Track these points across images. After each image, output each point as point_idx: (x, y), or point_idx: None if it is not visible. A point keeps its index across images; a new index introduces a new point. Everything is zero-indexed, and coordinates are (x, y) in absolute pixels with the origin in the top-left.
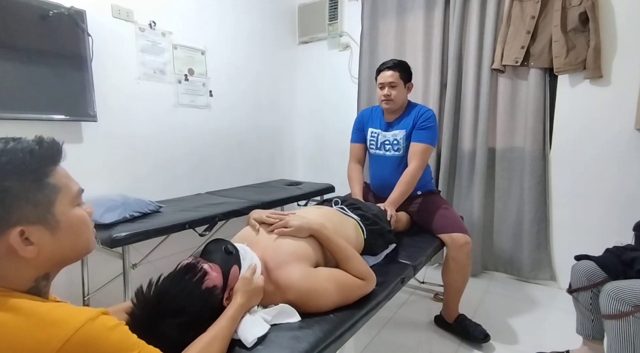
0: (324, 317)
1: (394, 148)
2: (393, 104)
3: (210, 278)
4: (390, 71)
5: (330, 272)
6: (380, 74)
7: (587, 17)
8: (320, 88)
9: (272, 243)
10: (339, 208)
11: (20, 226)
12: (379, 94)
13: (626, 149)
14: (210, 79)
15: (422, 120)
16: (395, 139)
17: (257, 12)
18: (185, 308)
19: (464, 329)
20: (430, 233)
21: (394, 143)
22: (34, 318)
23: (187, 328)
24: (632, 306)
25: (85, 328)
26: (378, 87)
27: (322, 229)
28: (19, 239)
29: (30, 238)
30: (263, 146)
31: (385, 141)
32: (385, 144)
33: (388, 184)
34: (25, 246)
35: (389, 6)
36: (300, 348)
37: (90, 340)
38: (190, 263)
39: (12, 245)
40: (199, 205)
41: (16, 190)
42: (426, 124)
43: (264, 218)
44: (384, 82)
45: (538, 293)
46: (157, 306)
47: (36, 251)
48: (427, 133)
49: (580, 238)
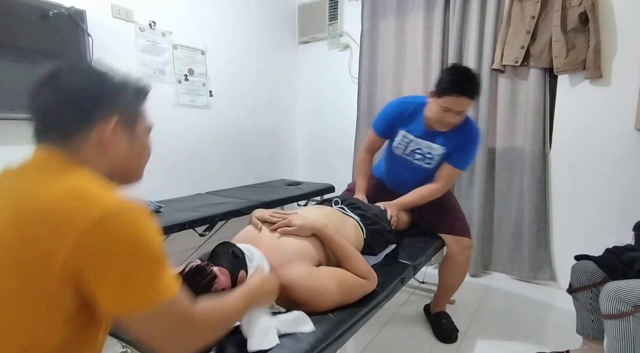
0: (324, 317)
1: (425, 161)
2: (449, 128)
3: (219, 282)
4: (468, 99)
5: (333, 271)
6: (454, 98)
7: (587, 17)
8: (320, 88)
9: (275, 242)
10: (339, 207)
11: (118, 116)
12: (438, 115)
13: (626, 149)
14: (210, 79)
15: (467, 144)
16: (430, 153)
17: (257, 12)
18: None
19: (437, 325)
20: (431, 230)
21: (427, 155)
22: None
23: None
24: (632, 306)
25: (128, 207)
26: (442, 108)
27: (324, 228)
28: (111, 130)
29: (116, 135)
30: (263, 146)
31: (417, 149)
32: (416, 153)
33: (403, 188)
34: (112, 138)
35: (389, 6)
36: (300, 348)
37: (128, 217)
38: (199, 265)
39: (105, 131)
40: (199, 205)
41: (129, 93)
42: (468, 149)
43: (267, 217)
44: (455, 109)
45: (538, 293)
46: None
47: (114, 149)
48: (465, 158)
49: (580, 238)
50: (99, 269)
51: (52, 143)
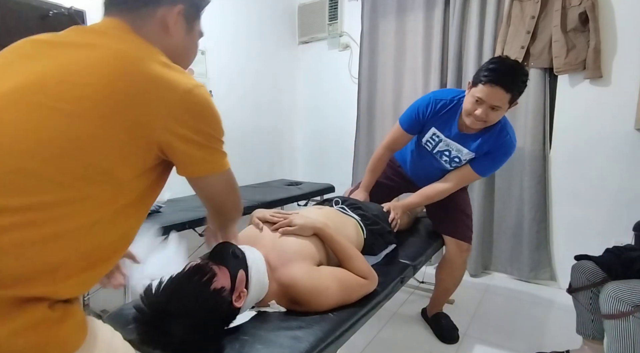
0: (323, 317)
1: (452, 164)
2: (482, 126)
3: (218, 280)
4: (503, 92)
5: (333, 271)
6: (487, 88)
7: (587, 17)
8: (320, 88)
9: (276, 242)
10: (339, 207)
11: (183, 6)
12: (468, 105)
13: (626, 149)
14: (210, 79)
15: (497, 151)
16: (458, 157)
17: (257, 12)
18: (193, 309)
19: (438, 326)
20: (435, 226)
21: (454, 158)
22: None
23: (194, 329)
24: (632, 306)
25: (201, 85)
26: (475, 98)
27: (325, 228)
28: (176, 14)
29: (178, 22)
30: (263, 146)
31: (445, 151)
32: (444, 154)
33: (421, 181)
34: (174, 23)
35: (389, 6)
36: (300, 348)
37: (204, 90)
38: (199, 264)
39: (170, 13)
40: (199, 205)
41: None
42: (496, 158)
43: (268, 216)
44: (487, 101)
45: (538, 293)
46: (166, 305)
47: (174, 34)
48: (490, 165)
49: (580, 238)
50: (186, 135)
51: (122, 12)
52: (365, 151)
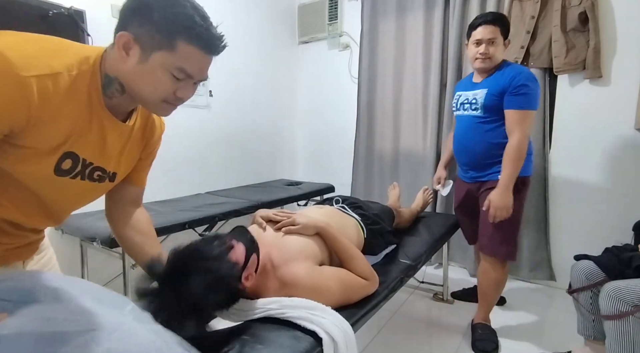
0: None
1: (472, 107)
2: (489, 63)
3: (235, 253)
4: (491, 26)
5: (335, 271)
6: (478, 30)
7: (587, 17)
8: (320, 88)
9: (279, 240)
10: (339, 207)
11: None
12: (472, 52)
13: (626, 149)
14: (210, 79)
15: (513, 86)
16: (475, 98)
17: (256, 12)
18: (206, 270)
19: (473, 336)
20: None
21: (472, 101)
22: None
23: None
24: (631, 306)
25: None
26: (473, 43)
27: (328, 227)
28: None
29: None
30: (263, 146)
31: (465, 100)
32: (465, 103)
33: (463, 147)
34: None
35: (389, 6)
36: (300, 348)
37: None
38: (221, 234)
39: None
40: (199, 205)
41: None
42: (519, 90)
43: (271, 216)
44: (482, 38)
45: (538, 293)
46: (184, 258)
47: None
48: (521, 98)
49: (580, 238)
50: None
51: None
52: (365, 151)
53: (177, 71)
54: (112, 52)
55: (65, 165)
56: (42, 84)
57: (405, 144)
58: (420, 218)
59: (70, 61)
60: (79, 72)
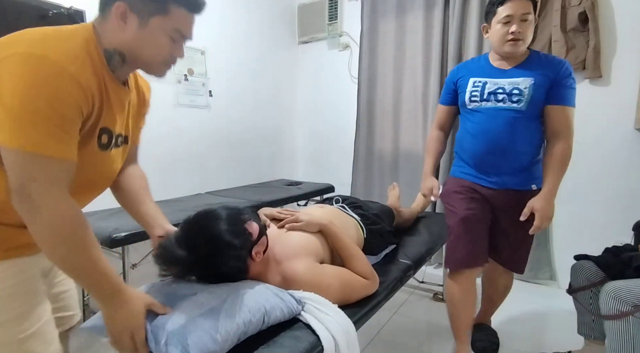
0: None
1: (512, 98)
2: (523, 45)
3: (250, 225)
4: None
5: (336, 270)
6: (507, 4)
7: (587, 17)
8: (320, 88)
9: (282, 237)
10: (339, 206)
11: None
12: (500, 34)
13: (626, 149)
14: (210, 79)
15: (564, 77)
16: (517, 88)
17: (256, 12)
18: (221, 233)
19: (473, 337)
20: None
21: (512, 92)
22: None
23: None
24: (631, 306)
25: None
26: (499, 22)
27: (331, 225)
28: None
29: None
30: (263, 146)
31: (497, 89)
32: (498, 93)
33: (497, 148)
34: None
35: (389, 6)
36: (300, 348)
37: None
38: (241, 209)
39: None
40: (199, 205)
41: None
42: (570, 84)
43: (275, 213)
44: (515, 13)
45: (538, 293)
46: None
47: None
48: (572, 93)
49: (580, 238)
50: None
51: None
52: (365, 151)
53: (174, 33)
54: (105, 25)
55: (104, 139)
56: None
57: (405, 144)
58: (420, 218)
59: (79, 44)
60: (87, 53)
